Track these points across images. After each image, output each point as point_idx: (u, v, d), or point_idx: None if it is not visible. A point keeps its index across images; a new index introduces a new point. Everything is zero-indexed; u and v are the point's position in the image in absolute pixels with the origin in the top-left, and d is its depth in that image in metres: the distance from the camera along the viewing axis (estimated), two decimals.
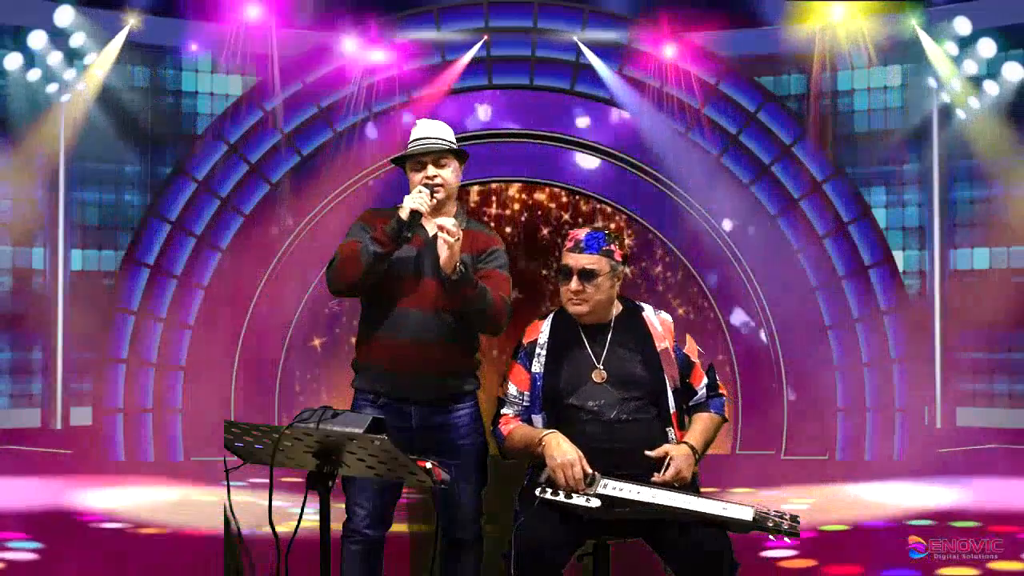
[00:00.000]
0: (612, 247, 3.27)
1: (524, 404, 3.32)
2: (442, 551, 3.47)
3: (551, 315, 3.41)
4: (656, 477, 3.08)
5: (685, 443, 3.20)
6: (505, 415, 3.33)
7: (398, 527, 3.53)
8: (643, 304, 3.43)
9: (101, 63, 8.55)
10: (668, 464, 3.11)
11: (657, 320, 3.38)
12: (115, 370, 8.74)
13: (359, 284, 3.36)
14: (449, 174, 3.43)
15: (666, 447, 3.15)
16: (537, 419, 3.28)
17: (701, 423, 3.31)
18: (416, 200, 3.28)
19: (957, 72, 8.59)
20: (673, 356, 3.33)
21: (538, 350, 3.33)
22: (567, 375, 3.25)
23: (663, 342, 3.32)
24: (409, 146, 3.44)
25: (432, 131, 3.46)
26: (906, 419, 8.82)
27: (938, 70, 8.64)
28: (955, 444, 8.60)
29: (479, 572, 3.48)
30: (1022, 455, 8.10)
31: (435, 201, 3.35)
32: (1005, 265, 8.87)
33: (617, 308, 3.37)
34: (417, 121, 3.54)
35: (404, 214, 3.26)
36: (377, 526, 3.39)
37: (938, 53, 8.56)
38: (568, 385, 3.24)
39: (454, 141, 3.48)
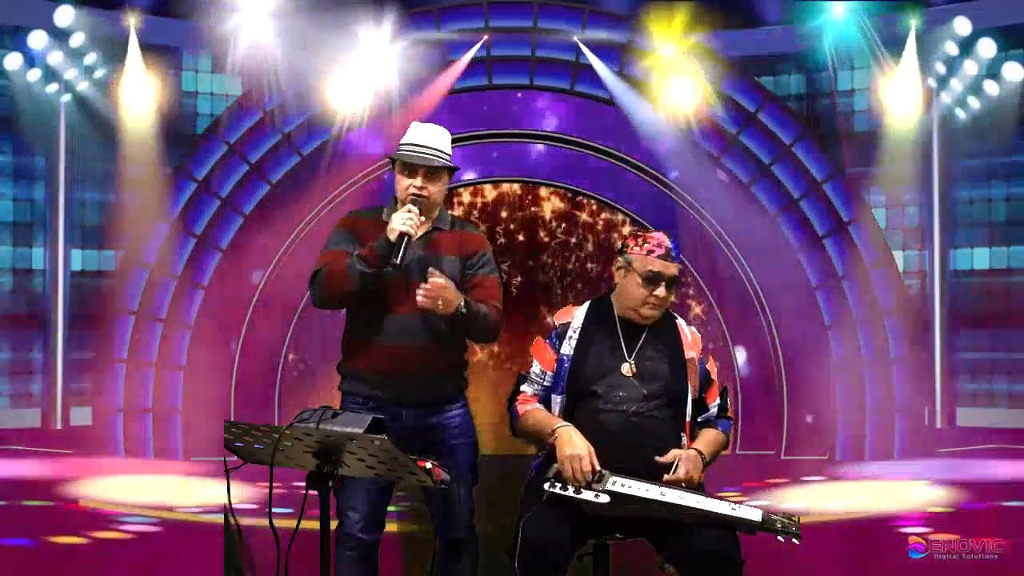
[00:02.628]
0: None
1: (545, 384, 3.35)
2: (438, 551, 3.47)
3: (587, 303, 3.45)
4: (667, 476, 3.11)
5: (695, 448, 3.23)
6: (523, 393, 3.36)
7: (393, 529, 3.53)
8: (675, 314, 3.50)
9: (129, 73, 8.55)
10: (678, 465, 3.13)
11: (688, 331, 3.45)
12: (115, 370, 8.74)
13: (346, 301, 3.35)
14: (437, 187, 3.41)
15: (676, 451, 3.19)
16: (556, 400, 3.31)
17: (709, 435, 3.36)
18: (405, 222, 3.22)
19: (920, 94, 8.63)
20: (697, 367, 3.38)
21: (571, 332, 3.36)
22: (597, 361, 3.29)
23: (691, 351, 3.38)
24: (403, 148, 3.40)
25: (429, 140, 3.39)
26: (906, 419, 8.82)
27: (904, 79, 8.65)
28: (955, 444, 8.60)
29: (475, 571, 3.48)
30: (1022, 455, 8.09)
31: (423, 219, 3.33)
32: (1005, 265, 8.87)
33: None
34: (413, 123, 3.48)
35: (392, 236, 3.21)
36: (371, 530, 3.39)
37: (913, 65, 8.57)
38: (596, 371, 3.29)
39: (450, 152, 3.42)
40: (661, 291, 3.26)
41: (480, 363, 9.39)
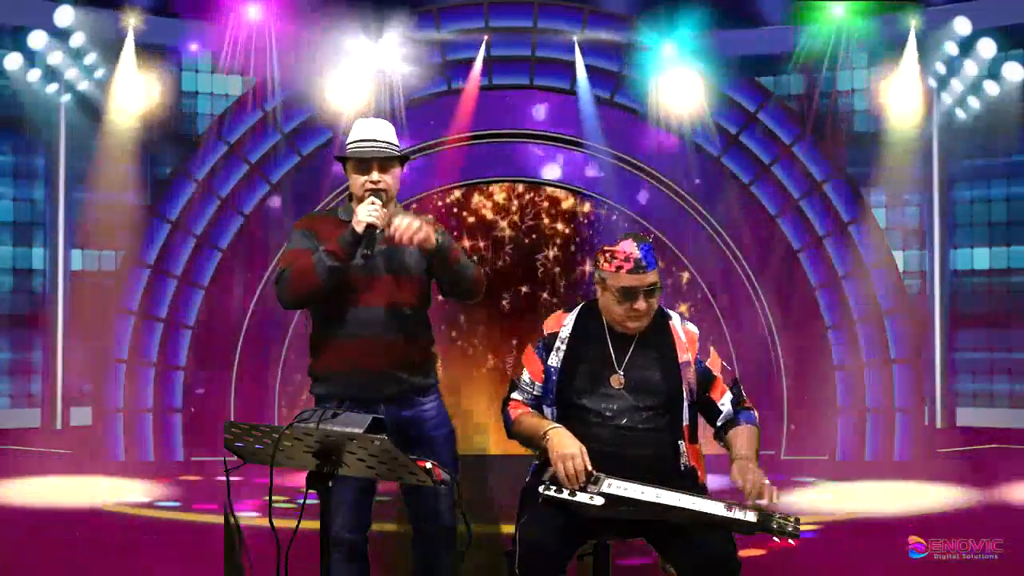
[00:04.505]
0: (657, 256, 3.23)
1: (535, 393, 3.29)
2: (420, 545, 3.49)
3: (577, 308, 3.36)
4: (746, 492, 2.97)
5: (740, 457, 3.09)
6: (515, 400, 3.32)
7: (387, 528, 3.52)
8: (671, 312, 3.37)
9: (122, 74, 8.56)
10: (745, 480, 2.99)
11: (683, 330, 3.30)
12: (115, 370, 8.74)
13: (314, 298, 3.33)
14: (392, 179, 3.40)
15: (734, 477, 3.03)
16: (547, 412, 3.27)
17: (742, 436, 3.19)
18: (371, 214, 3.22)
19: (920, 91, 8.63)
20: (693, 368, 3.26)
21: (558, 343, 3.27)
22: (585, 375, 3.21)
23: (686, 353, 3.26)
24: (351, 146, 3.40)
25: (377, 133, 3.39)
26: (906, 419, 8.83)
27: (907, 79, 8.66)
28: (955, 444, 8.60)
29: (456, 560, 3.49)
30: (1022, 455, 8.10)
31: (386, 210, 3.29)
32: (1005, 265, 8.87)
33: None
34: (357, 120, 3.46)
35: (360, 228, 3.21)
36: (356, 529, 3.38)
37: (913, 64, 8.58)
38: (584, 385, 3.20)
39: (398, 143, 3.44)
40: (640, 304, 3.14)
41: (480, 362, 9.42)
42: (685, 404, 3.22)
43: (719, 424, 3.27)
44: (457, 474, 3.47)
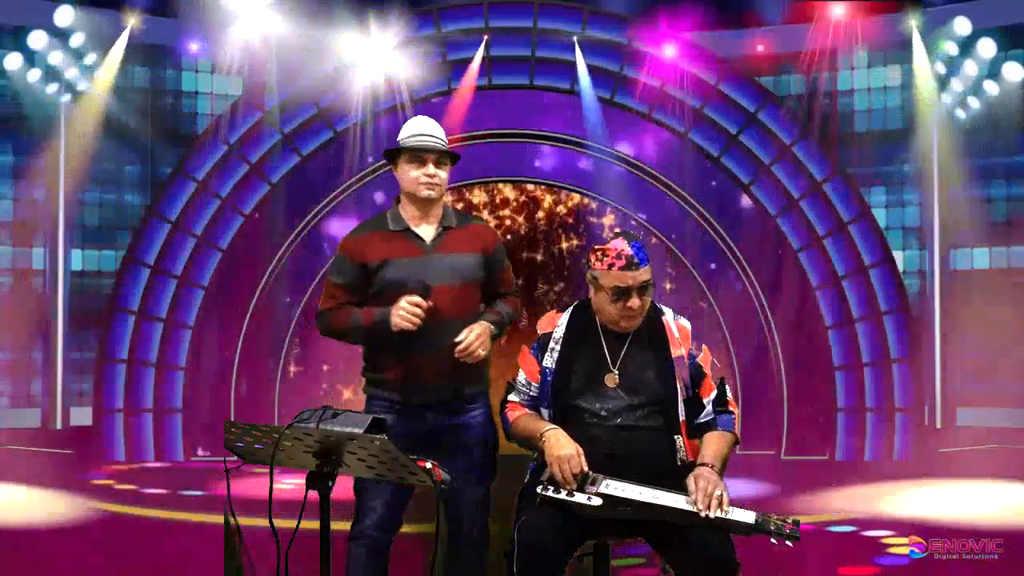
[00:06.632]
0: (648, 253, 3.21)
1: (531, 394, 3.28)
2: (448, 549, 3.48)
3: (570, 308, 3.34)
4: (695, 505, 2.91)
5: (703, 464, 3.05)
6: (512, 402, 3.31)
7: (406, 527, 3.52)
8: (663, 307, 3.34)
9: (107, 68, 8.56)
10: (696, 497, 2.93)
11: (675, 326, 3.29)
12: (115, 370, 8.74)
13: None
14: (446, 175, 3.44)
15: (688, 484, 2.98)
16: (545, 413, 3.26)
17: (711, 443, 3.17)
18: (405, 321, 3.26)
19: (935, 89, 8.61)
20: (686, 363, 3.24)
21: (552, 343, 3.26)
22: (580, 375, 3.20)
23: (679, 349, 3.24)
24: (407, 140, 3.42)
25: (432, 130, 3.44)
26: (906, 419, 8.83)
27: (922, 82, 8.66)
28: (955, 444, 8.61)
29: (483, 569, 3.48)
30: (1022, 455, 8.10)
31: (419, 321, 3.28)
32: (1005, 265, 8.87)
33: None
34: (413, 118, 3.50)
35: (395, 328, 3.28)
36: (387, 529, 3.39)
37: (925, 65, 8.58)
38: (579, 385, 3.18)
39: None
40: (634, 302, 3.11)
41: None
42: (680, 400, 3.21)
43: (697, 423, 3.24)
44: (494, 482, 3.49)
